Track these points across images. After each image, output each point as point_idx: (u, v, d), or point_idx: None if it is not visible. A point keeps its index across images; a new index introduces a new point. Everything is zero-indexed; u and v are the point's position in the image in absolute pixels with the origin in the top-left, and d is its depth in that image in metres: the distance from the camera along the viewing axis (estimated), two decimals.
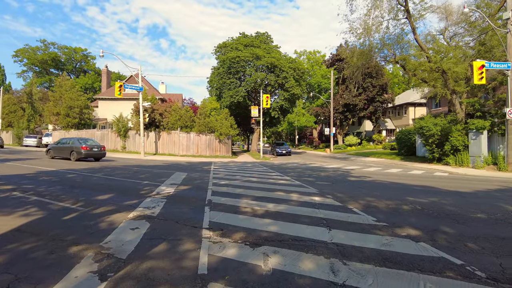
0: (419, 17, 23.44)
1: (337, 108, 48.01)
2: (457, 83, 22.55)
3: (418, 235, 5.18)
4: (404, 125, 46.87)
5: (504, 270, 3.79)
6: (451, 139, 20.10)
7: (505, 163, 17.15)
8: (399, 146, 29.96)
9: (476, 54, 22.69)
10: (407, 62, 25.28)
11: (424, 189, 10.61)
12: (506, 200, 8.47)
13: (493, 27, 18.57)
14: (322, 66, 63.62)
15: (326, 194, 9.09)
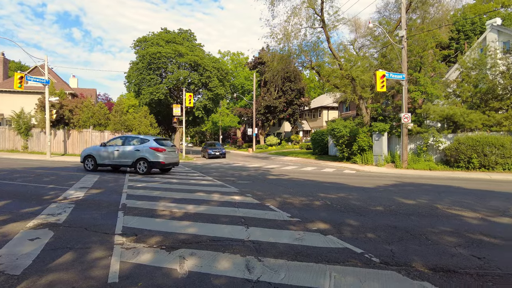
0: (333, 27, 25.48)
1: (259, 109, 49.51)
2: (363, 90, 25.12)
3: (327, 229, 5.64)
4: (318, 127, 50.49)
5: (394, 255, 4.36)
6: (358, 140, 22.31)
7: (400, 161, 19.67)
8: (314, 146, 32.20)
9: (379, 65, 25.56)
10: (322, 68, 27.27)
11: (334, 185, 11.60)
12: (400, 194, 9.73)
13: (391, 42, 21.15)
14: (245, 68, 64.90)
15: (246, 193, 9.32)
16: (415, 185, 12.01)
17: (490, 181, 13.71)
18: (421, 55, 23.37)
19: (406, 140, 19.50)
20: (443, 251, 4.53)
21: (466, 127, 18.86)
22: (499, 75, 19.71)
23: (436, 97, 21.60)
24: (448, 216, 6.68)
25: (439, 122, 20.94)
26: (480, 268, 3.95)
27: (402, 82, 19.81)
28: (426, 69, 23.61)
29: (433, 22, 24.18)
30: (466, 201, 8.44)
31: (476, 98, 20.30)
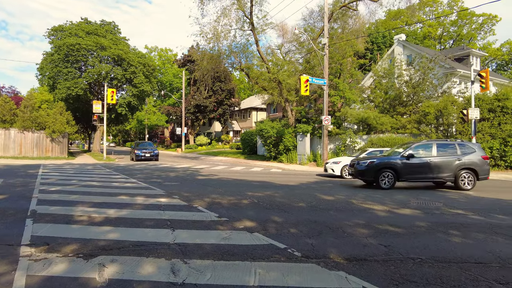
0: (261, 31, 26.21)
1: (188, 108, 48.54)
2: (289, 93, 26.36)
3: (253, 226, 5.79)
4: (248, 127, 51.45)
5: (314, 248, 4.68)
6: (284, 140, 23.33)
7: (321, 160, 21.08)
8: (243, 146, 32.76)
9: (303, 70, 27.07)
10: (251, 70, 27.87)
11: (262, 184, 11.96)
12: (320, 190, 10.45)
13: (315, 49, 22.56)
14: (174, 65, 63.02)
15: (173, 195, 9.08)
16: (334, 182, 13.00)
17: None
18: (340, 63, 25.40)
19: (326, 140, 20.98)
20: (357, 242, 5.00)
21: (378, 129, 21.01)
22: (404, 84, 22.41)
23: (353, 101, 23.69)
24: (361, 210, 7.39)
25: (355, 124, 22.98)
26: (386, 254, 4.46)
27: (324, 87, 21.26)
28: (345, 75, 25.76)
29: (352, 33, 26.44)
30: (377, 196, 9.42)
31: (386, 104, 22.76)
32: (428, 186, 12.07)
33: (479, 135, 18.11)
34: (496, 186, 12.53)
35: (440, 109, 18.90)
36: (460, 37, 52.43)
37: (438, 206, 7.96)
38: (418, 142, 11.95)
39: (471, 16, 50.10)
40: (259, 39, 26.12)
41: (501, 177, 15.56)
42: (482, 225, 6.15)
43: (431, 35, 53.08)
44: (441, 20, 52.38)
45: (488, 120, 18.50)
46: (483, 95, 18.91)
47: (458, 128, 18.90)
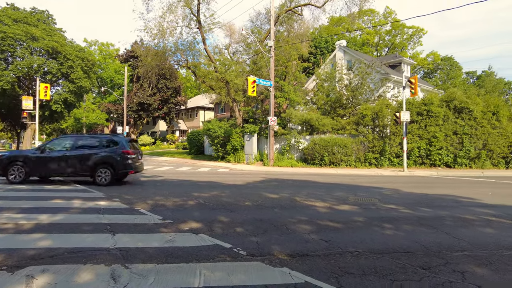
0: (209, 30, 25.94)
1: (131, 106, 46.34)
2: (237, 93, 26.47)
3: (199, 228, 5.73)
4: (195, 127, 50.65)
5: (259, 246, 4.77)
6: (231, 140, 23.38)
7: (268, 159, 21.51)
8: (190, 146, 32.17)
9: (250, 71, 27.37)
10: (198, 69, 27.46)
11: (209, 184, 11.86)
12: (266, 189, 10.65)
13: (261, 51, 22.94)
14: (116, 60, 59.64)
15: (114, 198, 8.62)
16: (279, 181, 13.35)
17: (337, 175, 16.36)
18: (286, 65, 26.14)
19: (272, 140, 21.47)
20: (300, 238, 5.20)
21: (320, 130, 21.97)
22: (344, 87, 23.73)
23: (297, 103, 24.51)
24: (304, 207, 7.68)
25: (299, 125, 23.78)
26: (327, 249, 4.70)
27: (270, 88, 21.71)
28: (290, 78, 26.56)
29: (297, 37, 27.33)
30: (319, 193, 9.87)
31: (328, 106, 23.90)
32: (365, 182, 12.94)
33: (409, 136, 19.84)
34: (422, 182, 13.82)
35: (376, 111, 20.35)
36: (394, 46, 57.01)
37: (374, 201, 8.57)
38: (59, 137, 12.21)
39: (403, 27, 54.76)
40: (207, 38, 25.87)
41: (427, 174, 17.22)
42: (411, 217, 6.76)
43: (369, 42, 56.94)
44: (378, 29, 56.49)
45: (417, 122, 20.36)
46: (412, 100, 20.75)
47: (391, 129, 20.51)
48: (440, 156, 19.82)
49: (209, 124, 25.08)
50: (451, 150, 19.89)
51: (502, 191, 11.25)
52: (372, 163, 20.38)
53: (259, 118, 25.96)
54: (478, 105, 20.34)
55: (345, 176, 15.99)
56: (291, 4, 25.60)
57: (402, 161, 18.80)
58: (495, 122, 20.29)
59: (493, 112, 20.40)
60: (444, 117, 20.11)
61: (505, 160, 20.38)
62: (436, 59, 55.59)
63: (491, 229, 5.95)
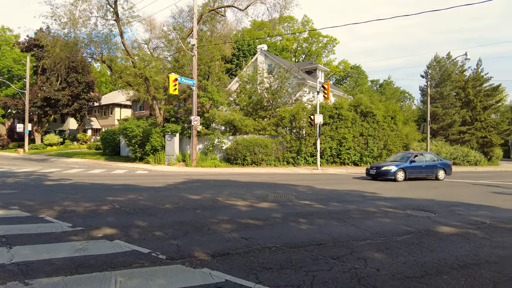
0: (127, 23, 24.38)
1: (34, 101, 40.96)
2: (157, 91, 25.42)
3: (114, 234, 5.38)
4: (110, 125, 47.13)
5: (179, 249, 4.69)
6: (151, 140, 22.37)
7: (190, 160, 21.15)
8: (104, 146, 29.84)
9: (172, 68, 26.54)
10: (114, 63, 25.62)
11: (125, 187, 11.18)
12: (188, 190, 10.48)
13: (184, 48, 22.45)
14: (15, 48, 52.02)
15: (12, 205, 7.55)
16: (202, 181, 13.26)
17: (258, 174, 16.90)
18: (209, 65, 26.01)
19: (195, 141, 21.19)
20: (221, 238, 5.25)
21: (243, 131, 22.43)
22: (265, 90, 24.62)
23: (220, 103, 24.61)
24: (226, 207, 7.78)
25: (223, 125, 23.94)
26: (247, 247, 4.84)
27: (193, 87, 21.39)
28: (213, 78, 26.50)
29: (220, 37, 27.38)
30: (240, 192, 10.08)
31: (250, 107, 24.52)
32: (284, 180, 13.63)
33: (322, 137, 21.51)
34: (334, 179, 15.12)
35: (294, 114, 21.58)
36: (310, 53, 61.06)
37: (291, 198, 9.10)
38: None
39: (318, 36, 58.98)
40: (125, 31, 24.33)
41: (338, 171, 18.89)
42: (323, 212, 7.36)
43: (288, 48, 59.96)
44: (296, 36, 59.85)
45: (329, 125, 22.18)
46: (325, 104, 22.53)
47: (307, 131, 21.96)
48: (349, 155, 21.92)
49: (126, 123, 23.57)
50: (358, 150, 22.15)
51: (397, 186, 12.94)
52: (290, 162, 21.55)
53: (181, 118, 25.35)
54: (380, 110, 23.04)
55: (265, 175, 16.59)
56: (214, 4, 25.57)
57: (316, 160, 20.28)
58: (393, 125, 23.23)
59: (392, 117, 23.32)
60: (352, 120, 22.28)
61: None
62: (347, 67, 61.22)
63: (388, 219, 6.81)
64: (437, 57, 37.08)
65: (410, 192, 11.27)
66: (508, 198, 10.35)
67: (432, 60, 37.32)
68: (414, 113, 32.86)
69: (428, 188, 12.65)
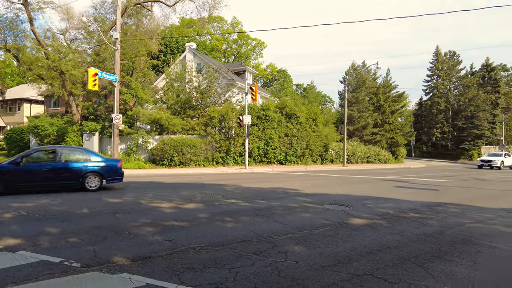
0: (38, 9, 21.87)
1: None
2: (74, 86, 23.27)
3: (18, 244, 4.82)
4: (17, 123, 41.68)
5: (96, 255, 4.40)
6: (67, 140, 20.43)
7: None
8: (10, 147, 26.28)
9: (92, 62, 24.54)
10: (22, 53, 22.74)
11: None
12: (107, 193, 9.82)
13: (106, 42, 20.93)
14: None
15: None
16: (123, 184, 12.52)
17: (186, 175, 16.57)
18: (133, 60, 24.66)
19: (117, 140, 19.89)
20: (143, 241, 5.06)
21: (170, 130, 21.77)
22: (194, 89, 24.26)
23: (146, 101, 23.54)
24: (149, 209, 7.50)
25: (148, 124, 22.93)
26: (170, 249, 4.75)
27: (115, 83, 20.06)
28: (138, 74, 25.20)
29: (146, 32, 26.16)
30: (166, 194, 9.80)
31: (178, 106, 23.92)
32: (212, 180, 13.62)
33: (250, 137, 22.00)
34: (261, 177, 15.57)
35: (223, 114, 21.68)
36: (240, 55, 61.89)
37: (218, 198, 9.14)
38: None
39: (247, 38, 60.09)
40: (36, 18, 21.82)
41: (265, 170, 19.51)
42: (248, 210, 7.56)
43: (217, 48, 59.90)
44: (226, 37, 60.09)
45: (257, 125, 22.79)
46: (253, 105, 23.09)
47: (236, 131, 22.25)
48: (275, 155, 22.81)
49: (37, 120, 21.12)
50: (283, 150, 23.17)
51: (318, 182, 13.88)
52: (219, 162, 21.59)
53: (101, 115, 23.60)
54: (303, 112, 24.41)
55: (193, 176, 16.37)
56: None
57: (244, 160, 20.67)
58: (315, 127, 24.81)
59: (313, 119, 24.88)
60: (278, 121, 23.22)
61: (321, 157, 25.22)
62: (274, 71, 63.44)
63: (308, 214, 7.28)
64: (354, 64, 40.68)
65: (330, 188, 12.18)
66: (408, 191, 11.84)
67: (350, 67, 40.81)
68: (333, 116, 35.49)
69: (346, 184, 13.80)
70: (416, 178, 17.05)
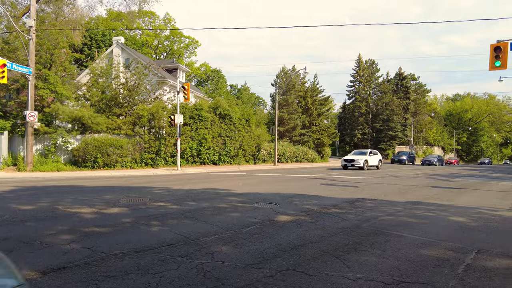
0: None
1: None
2: None
3: None
4: None
5: None
6: None
7: (25, 163, 17.77)
8: None
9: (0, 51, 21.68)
10: None
11: None
12: (18, 200, 8.81)
13: (17, 29, 18.68)
14: None
15: None
16: (38, 188, 11.35)
17: (110, 178, 15.58)
18: (52, 53, 22.38)
19: (31, 140, 17.91)
20: (57, 251, 4.65)
21: (94, 129, 20.25)
22: (121, 86, 22.92)
23: (66, 97, 21.55)
24: (67, 215, 6.90)
25: (69, 123, 21.05)
26: (89, 257, 4.43)
27: (29, 76, 18.05)
28: (58, 68, 22.96)
29: (68, 23, 24.03)
30: (87, 198, 9.11)
31: (103, 104, 22.37)
32: (140, 182, 13.01)
33: (183, 137, 21.54)
34: (193, 178, 15.35)
35: (153, 113, 20.86)
36: (172, 52, 60.10)
37: (145, 201, 8.78)
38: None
39: (180, 36, 58.64)
40: None
41: (198, 171, 19.28)
42: (177, 212, 7.41)
43: (148, 44, 57.36)
44: (158, 33, 57.85)
45: (189, 125, 22.41)
46: (186, 104, 22.67)
47: (167, 130, 21.58)
48: (208, 155, 22.68)
49: None
50: (217, 150, 23.15)
51: (249, 182, 14.16)
52: (148, 163, 20.72)
53: (12, 112, 20.96)
54: (237, 113, 24.69)
55: (119, 178, 15.48)
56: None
57: (176, 161, 20.16)
58: (248, 128, 25.28)
59: (247, 119, 25.33)
60: (212, 121, 23.13)
61: (253, 157, 25.78)
62: (208, 70, 62.91)
63: (237, 213, 7.40)
64: (284, 68, 42.35)
65: (260, 187, 12.51)
66: (331, 188, 12.73)
67: (280, 71, 42.37)
68: (265, 117, 36.62)
69: (276, 182, 14.31)
70: (339, 176, 18.40)
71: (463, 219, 7.49)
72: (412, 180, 17.09)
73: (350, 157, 25.22)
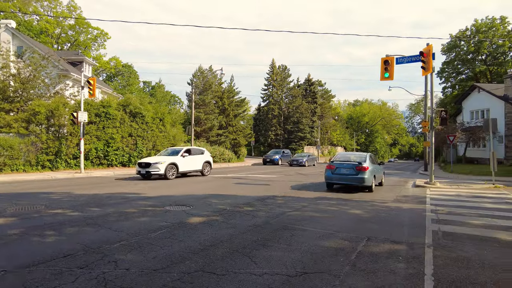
0: None
1: None
2: None
3: None
4: None
5: None
6: None
7: None
8: None
9: None
10: None
11: None
12: None
13: None
14: None
15: None
16: None
17: None
18: None
19: None
20: None
21: None
22: (11, 77, 19.91)
23: None
24: None
25: None
26: None
27: None
28: None
29: None
30: None
31: None
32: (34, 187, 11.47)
33: (87, 137, 19.67)
34: (98, 182, 14.16)
35: (52, 109, 18.60)
36: (77, 43, 54.36)
37: (40, 209, 7.80)
38: None
39: (88, 26, 53.40)
40: None
41: (104, 174, 17.82)
42: (78, 219, 6.75)
43: (48, 32, 50.83)
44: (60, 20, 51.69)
45: (95, 124, 20.57)
46: (91, 101, 20.76)
47: (69, 129, 19.46)
48: (117, 157, 21.16)
49: None
50: (127, 151, 21.75)
51: (161, 184, 13.66)
52: (46, 166, 18.43)
53: None
54: (150, 111, 23.57)
55: (8, 184, 13.44)
56: None
57: (79, 163, 18.34)
58: (162, 127, 24.34)
59: (161, 119, 24.37)
60: (121, 120, 21.63)
61: None
62: (118, 65, 58.57)
63: (146, 218, 7.08)
64: (201, 68, 41.99)
65: (174, 189, 12.16)
66: (245, 187, 13.08)
67: (197, 70, 41.89)
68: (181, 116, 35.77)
69: (193, 183, 14.08)
70: (253, 175, 19.00)
71: (359, 211, 8.44)
72: (318, 177, 18.55)
73: (144, 161, 22.77)
